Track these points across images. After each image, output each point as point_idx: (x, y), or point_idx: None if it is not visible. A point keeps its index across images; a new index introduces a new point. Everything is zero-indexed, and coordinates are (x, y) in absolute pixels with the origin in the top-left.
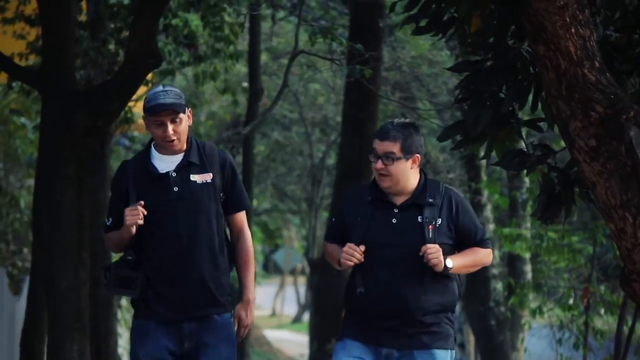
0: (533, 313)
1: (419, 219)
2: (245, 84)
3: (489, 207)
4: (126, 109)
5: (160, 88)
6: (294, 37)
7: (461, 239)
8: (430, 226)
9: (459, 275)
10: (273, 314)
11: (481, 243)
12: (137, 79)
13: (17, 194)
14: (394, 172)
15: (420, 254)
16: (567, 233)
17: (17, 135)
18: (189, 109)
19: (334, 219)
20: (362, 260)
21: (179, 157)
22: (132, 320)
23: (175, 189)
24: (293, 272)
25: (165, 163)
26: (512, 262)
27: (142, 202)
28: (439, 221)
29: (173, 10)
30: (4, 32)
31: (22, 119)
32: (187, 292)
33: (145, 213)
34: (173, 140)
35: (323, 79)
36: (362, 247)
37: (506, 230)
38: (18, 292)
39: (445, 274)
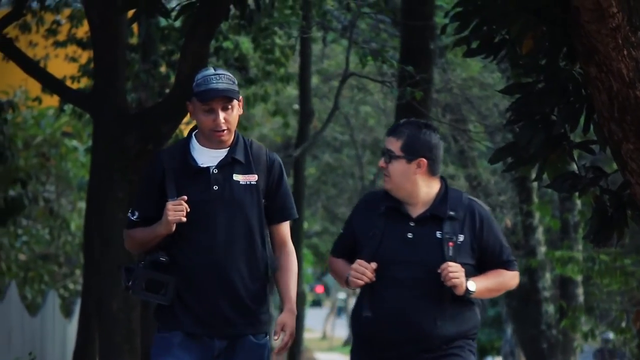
0: (585, 336)
1: (438, 235)
2: (296, 106)
3: (540, 230)
4: (177, 131)
5: (212, 71)
6: (345, 59)
7: (485, 258)
8: (451, 243)
9: (482, 300)
10: (324, 337)
11: (507, 264)
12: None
13: (68, 216)
14: (392, 173)
15: (439, 271)
16: (619, 256)
17: (68, 158)
18: (241, 96)
19: (342, 231)
20: (374, 279)
21: (222, 152)
22: (156, 332)
23: (215, 187)
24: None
25: (207, 157)
26: (563, 285)
27: (185, 197)
28: (461, 238)
29: (224, 32)
30: (56, 55)
31: (74, 142)
32: (219, 307)
33: (189, 210)
34: (223, 131)
35: (374, 101)
36: (374, 265)
37: (558, 253)
38: (69, 315)
39: (468, 299)
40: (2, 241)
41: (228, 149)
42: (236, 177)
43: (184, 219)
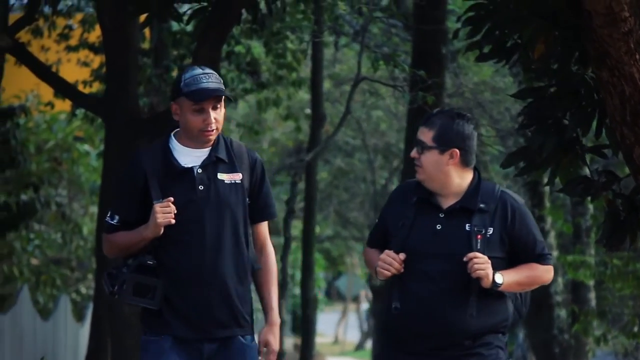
0: (597, 341)
1: (467, 227)
2: (308, 111)
3: (552, 234)
4: None
5: (200, 70)
6: (357, 63)
7: (517, 252)
8: (479, 236)
9: (520, 293)
10: (335, 341)
11: (540, 258)
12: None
13: (80, 221)
14: (424, 164)
15: (465, 259)
16: (631, 260)
17: (80, 163)
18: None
19: (377, 221)
20: (401, 270)
21: (205, 152)
22: (142, 336)
23: (201, 187)
24: (356, 299)
25: (189, 157)
26: (575, 289)
27: (172, 199)
28: (490, 231)
29: (236, 37)
30: (68, 59)
31: (86, 147)
32: (210, 310)
33: (176, 211)
34: (212, 130)
35: (385, 106)
36: (402, 256)
37: (570, 257)
38: (81, 319)
39: (497, 292)
40: (15, 245)
41: (210, 148)
42: (221, 176)
43: (173, 221)
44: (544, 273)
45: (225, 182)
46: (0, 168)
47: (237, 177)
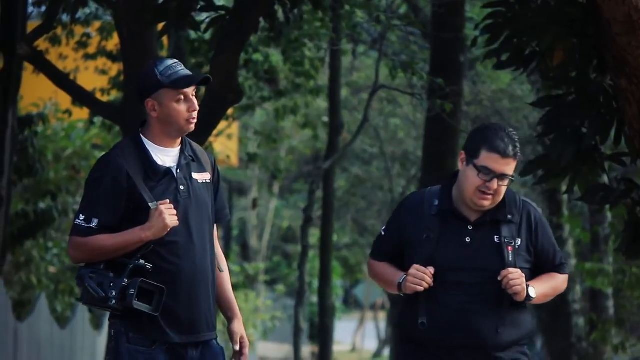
0: (615, 349)
1: (496, 239)
2: (326, 119)
3: (570, 242)
4: (206, 144)
5: (171, 60)
6: (375, 71)
7: (539, 262)
8: (510, 247)
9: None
10: (353, 349)
11: (559, 268)
12: (217, 115)
13: None
14: (502, 193)
15: (499, 279)
16: None
17: None
18: None
19: (383, 233)
20: (432, 284)
21: (176, 151)
22: (125, 344)
23: (182, 188)
24: (373, 307)
25: (165, 157)
26: (594, 298)
27: (167, 201)
28: (519, 242)
29: (254, 45)
30: (86, 67)
31: None
32: (198, 312)
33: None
34: (195, 118)
35: (403, 114)
36: (431, 269)
37: (588, 266)
38: (99, 327)
39: (520, 303)
40: (33, 254)
41: (180, 147)
42: (194, 175)
43: (178, 222)
44: (563, 283)
45: (199, 181)
46: (19, 176)
47: (207, 176)
